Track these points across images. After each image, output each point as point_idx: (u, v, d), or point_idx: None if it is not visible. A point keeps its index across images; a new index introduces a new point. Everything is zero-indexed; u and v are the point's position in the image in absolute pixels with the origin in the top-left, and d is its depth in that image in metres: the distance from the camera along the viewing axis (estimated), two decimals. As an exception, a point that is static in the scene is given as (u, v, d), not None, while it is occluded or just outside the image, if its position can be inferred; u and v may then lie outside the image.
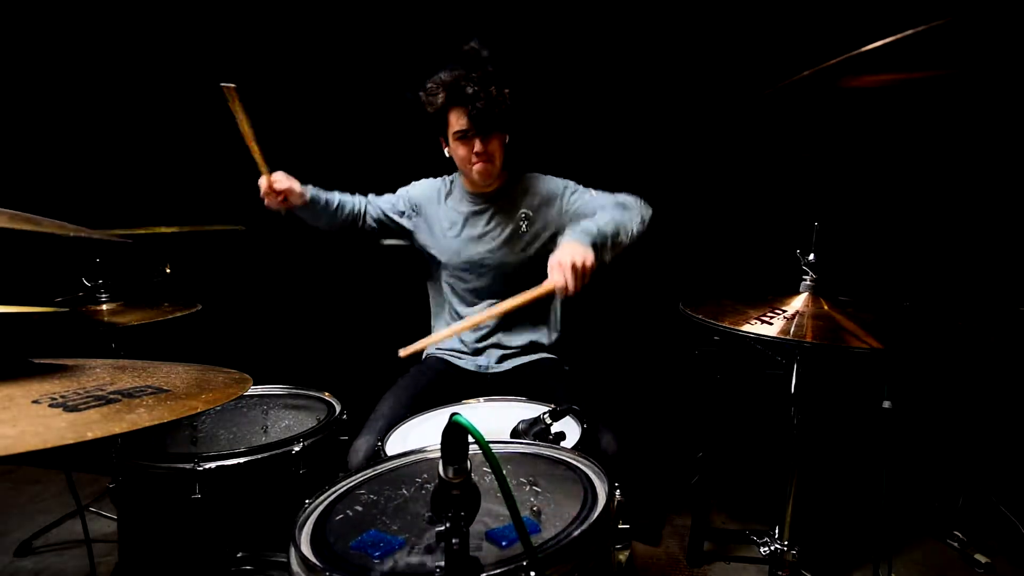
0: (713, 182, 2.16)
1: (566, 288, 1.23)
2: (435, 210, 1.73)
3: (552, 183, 1.72)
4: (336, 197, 1.71)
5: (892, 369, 1.50)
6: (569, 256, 1.24)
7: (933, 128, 1.94)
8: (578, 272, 1.23)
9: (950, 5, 0.63)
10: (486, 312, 1.45)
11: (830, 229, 1.30)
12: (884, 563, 1.67)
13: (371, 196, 1.79)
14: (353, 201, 1.74)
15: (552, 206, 1.69)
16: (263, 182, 1.57)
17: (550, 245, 1.66)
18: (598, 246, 1.32)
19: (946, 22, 0.63)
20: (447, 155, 1.66)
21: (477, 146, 1.56)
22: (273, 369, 1.59)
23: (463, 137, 1.56)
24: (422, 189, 1.78)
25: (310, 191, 1.65)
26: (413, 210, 1.76)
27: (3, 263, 2.37)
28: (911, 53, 0.73)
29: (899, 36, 0.67)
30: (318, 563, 0.73)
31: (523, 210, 1.68)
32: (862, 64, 0.77)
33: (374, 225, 1.76)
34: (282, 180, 1.58)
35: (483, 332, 1.71)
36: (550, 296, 1.28)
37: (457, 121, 1.55)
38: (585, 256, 1.25)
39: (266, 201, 1.61)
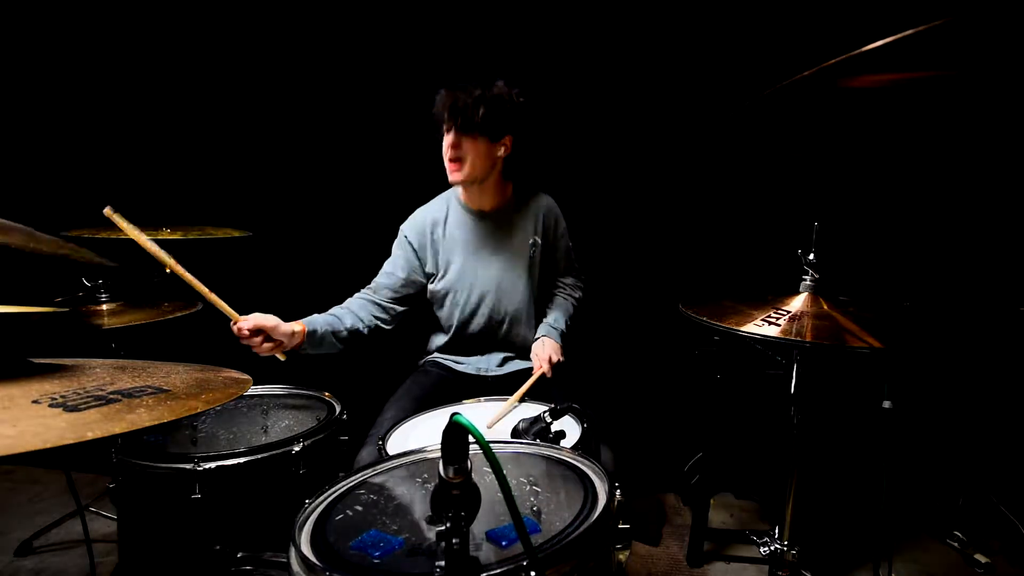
0: (713, 182, 2.16)
1: (548, 374, 1.57)
2: (438, 233, 1.69)
3: (556, 216, 1.75)
4: (342, 324, 1.55)
5: (892, 369, 1.50)
6: (548, 354, 1.59)
7: (933, 128, 1.94)
8: (554, 363, 1.59)
9: (950, 5, 0.63)
10: (504, 407, 1.41)
11: (830, 229, 1.30)
12: (884, 563, 1.68)
13: (373, 286, 1.68)
14: (359, 318, 1.60)
15: (551, 243, 1.75)
16: (235, 329, 1.36)
17: (550, 270, 1.78)
18: (564, 337, 1.71)
19: (946, 22, 0.63)
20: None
21: (448, 139, 1.53)
22: (273, 369, 1.59)
23: (444, 136, 1.55)
24: (416, 221, 1.71)
25: (309, 326, 1.47)
26: (422, 248, 1.68)
27: (3, 263, 2.36)
28: (911, 53, 0.73)
29: (899, 36, 0.67)
30: (318, 563, 0.73)
31: (533, 236, 1.69)
32: (862, 64, 0.77)
33: (400, 308, 1.67)
34: (252, 321, 1.35)
35: (496, 336, 1.72)
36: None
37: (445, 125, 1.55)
38: (559, 353, 1.63)
39: (252, 348, 1.38)
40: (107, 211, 1.17)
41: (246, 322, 1.35)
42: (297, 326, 1.44)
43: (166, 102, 2.31)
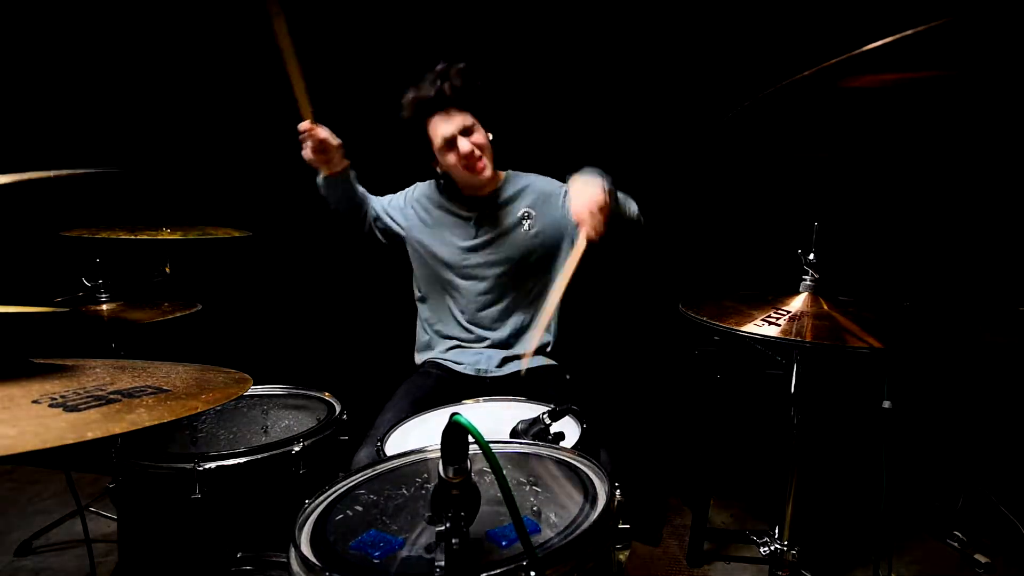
0: (713, 182, 2.16)
1: (595, 235, 1.33)
2: (436, 212, 1.73)
3: (549, 183, 1.74)
4: (360, 189, 1.72)
5: (892, 369, 1.50)
6: (588, 203, 1.34)
7: (933, 128, 1.94)
8: (601, 215, 1.33)
9: (950, 5, 0.63)
10: (554, 297, 1.38)
11: (830, 229, 1.30)
12: (884, 563, 1.67)
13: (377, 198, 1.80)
14: (370, 201, 1.76)
15: (552, 204, 1.71)
16: (305, 125, 1.50)
17: (553, 242, 1.70)
18: (610, 186, 1.41)
19: (946, 22, 0.63)
20: (440, 172, 1.68)
21: (465, 146, 1.55)
22: (273, 369, 1.59)
23: (450, 145, 1.56)
24: (423, 190, 1.79)
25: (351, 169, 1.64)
26: (422, 208, 1.75)
27: (3, 263, 2.37)
28: (911, 53, 0.73)
29: (899, 36, 0.67)
30: (318, 563, 0.73)
31: (525, 209, 1.69)
32: (862, 64, 0.77)
33: (378, 223, 1.77)
34: (324, 131, 1.52)
35: (493, 322, 1.72)
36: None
37: (439, 129, 1.56)
38: (603, 198, 1.34)
39: (305, 150, 1.54)
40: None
41: (321, 130, 1.51)
42: (344, 161, 1.61)
43: (165, 101, 2.32)
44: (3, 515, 2.16)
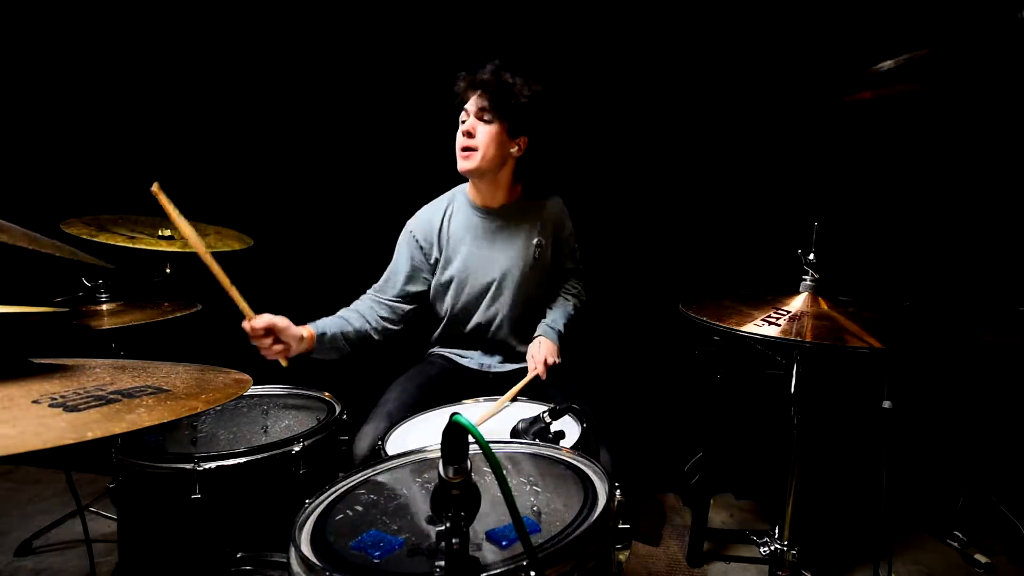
0: (714, 182, 2.16)
1: (541, 376, 1.55)
2: (439, 231, 1.67)
3: (566, 219, 1.74)
4: (350, 326, 1.57)
5: (892, 369, 1.50)
6: (544, 355, 1.58)
7: (933, 129, 1.94)
8: (549, 365, 1.58)
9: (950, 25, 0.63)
10: (494, 407, 1.40)
11: (830, 229, 1.30)
12: (884, 563, 1.67)
13: (380, 286, 1.69)
14: (366, 319, 1.62)
15: (561, 246, 1.73)
16: (247, 326, 1.35)
17: (556, 265, 1.74)
18: (562, 339, 1.67)
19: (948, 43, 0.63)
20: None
21: (464, 125, 1.53)
22: (273, 369, 1.59)
23: (462, 120, 1.55)
24: (422, 218, 1.70)
25: (317, 329, 1.49)
26: (427, 244, 1.67)
27: (3, 263, 2.36)
28: (913, 71, 0.73)
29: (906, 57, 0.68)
30: (318, 563, 0.73)
31: (538, 237, 1.66)
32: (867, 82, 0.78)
33: (407, 307, 1.68)
34: (265, 320, 1.35)
35: (492, 333, 1.71)
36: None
37: (466, 103, 1.55)
38: (555, 355, 1.60)
39: (260, 350, 1.38)
40: (155, 187, 1.19)
41: (258, 320, 1.35)
42: (305, 331, 1.46)
43: (169, 103, 2.31)
44: (3, 515, 2.15)
